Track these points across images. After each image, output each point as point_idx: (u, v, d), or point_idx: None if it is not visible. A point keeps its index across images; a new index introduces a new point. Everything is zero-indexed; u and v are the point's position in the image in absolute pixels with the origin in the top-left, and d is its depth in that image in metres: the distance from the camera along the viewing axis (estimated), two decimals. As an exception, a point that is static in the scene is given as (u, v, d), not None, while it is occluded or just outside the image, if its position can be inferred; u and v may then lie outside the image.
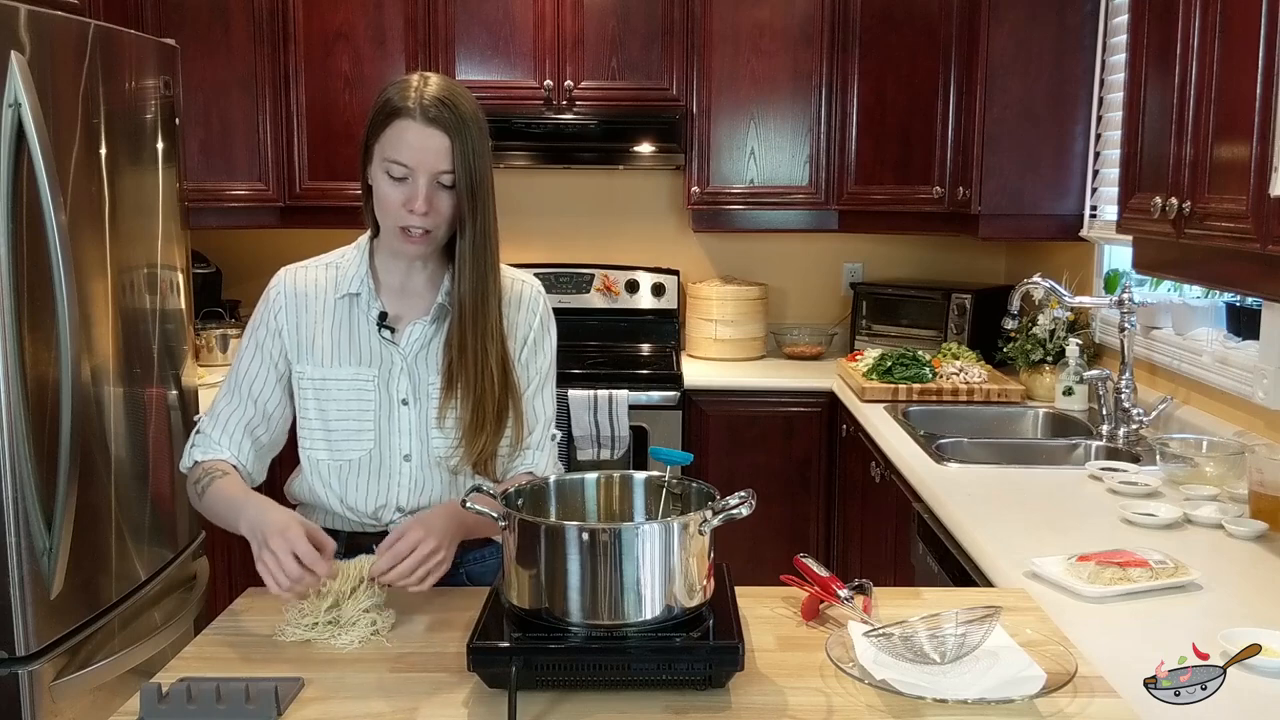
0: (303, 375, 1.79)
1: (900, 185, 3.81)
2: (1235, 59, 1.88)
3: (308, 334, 1.79)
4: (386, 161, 1.67)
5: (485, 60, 3.87)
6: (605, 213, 4.36)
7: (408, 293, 1.81)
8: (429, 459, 1.79)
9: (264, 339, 1.81)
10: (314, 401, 1.79)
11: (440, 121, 1.64)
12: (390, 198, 1.68)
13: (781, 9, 3.88)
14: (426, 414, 1.78)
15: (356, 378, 1.78)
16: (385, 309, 1.79)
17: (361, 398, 1.78)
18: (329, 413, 1.78)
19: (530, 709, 1.32)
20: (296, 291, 1.81)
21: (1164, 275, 2.57)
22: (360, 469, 1.79)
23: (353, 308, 1.79)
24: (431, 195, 1.67)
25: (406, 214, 1.67)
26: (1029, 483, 2.43)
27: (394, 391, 1.78)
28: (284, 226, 4.01)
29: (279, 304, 1.81)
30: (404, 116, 1.65)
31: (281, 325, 1.80)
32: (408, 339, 1.78)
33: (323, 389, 1.79)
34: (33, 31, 2.11)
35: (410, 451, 1.79)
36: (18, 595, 2.13)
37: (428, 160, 1.65)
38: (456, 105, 1.66)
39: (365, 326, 1.78)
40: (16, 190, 2.08)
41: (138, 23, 3.59)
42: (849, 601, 1.59)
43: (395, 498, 1.80)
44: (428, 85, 1.67)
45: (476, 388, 1.74)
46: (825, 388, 3.71)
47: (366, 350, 1.78)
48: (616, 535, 1.37)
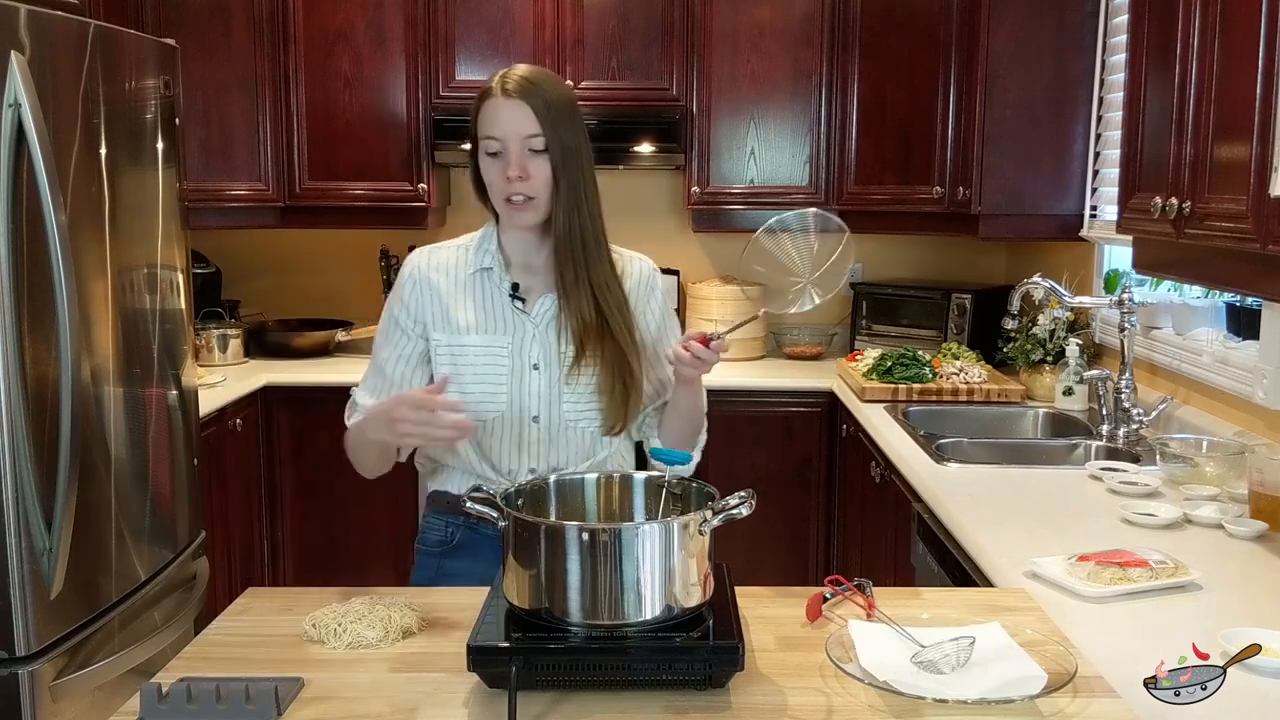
0: (440, 343, 1.90)
1: (900, 185, 3.81)
2: (1235, 59, 1.88)
3: (442, 306, 1.91)
4: (484, 140, 1.82)
5: (485, 60, 3.87)
6: (605, 212, 4.34)
7: (533, 269, 1.92)
8: (559, 421, 1.89)
9: (401, 315, 1.93)
10: (449, 367, 1.89)
11: (521, 92, 1.79)
12: (493, 174, 1.82)
13: (781, 9, 3.88)
14: (556, 378, 1.88)
15: (492, 344, 1.89)
16: (515, 282, 1.90)
17: (496, 362, 1.88)
18: (465, 376, 1.88)
19: (530, 709, 1.32)
20: (430, 269, 1.93)
21: (1164, 275, 2.57)
22: (494, 429, 1.89)
23: (486, 282, 1.91)
24: (524, 161, 1.80)
25: (506, 183, 1.80)
26: (1029, 483, 2.43)
27: (526, 357, 1.88)
28: (284, 226, 4.01)
29: (410, 284, 1.93)
30: (491, 97, 1.81)
31: (417, 301, 1.92)
32: (538, 310, 1.89)
33: (460, 354, 1.89)
34: (33, 31, 2.11)
35: (539, 413, 1.88)
36: (18, 595, 2.13)
37: (513, 127, 1.79)
38: (538, 80, 1.82)
39: (499, 299, 1.90)
40: (16, 190, 2.08)
41: (138, 23, 3.59)
42: (866, 590, 1.61)
43: (528, 457, 1.90)
44: (512, 69, 1.84)
45: (603, 350, 1.85)
46: (825, 388, 3.71)
47: (500, 320, 1.90)
48: (616, 535, 1.37)
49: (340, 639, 1.53)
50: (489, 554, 1.87)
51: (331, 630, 1.54)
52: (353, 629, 1.54)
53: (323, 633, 1.54)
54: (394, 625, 1.55)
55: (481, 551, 1.90)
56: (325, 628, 1.55)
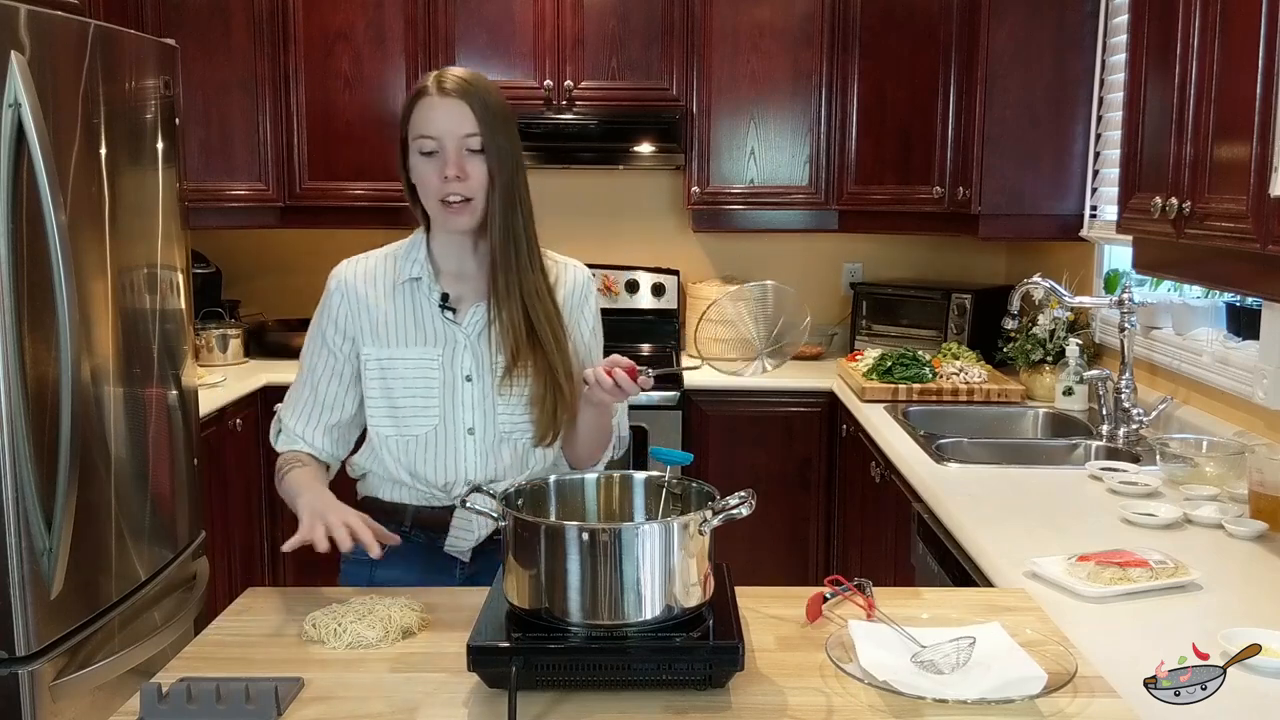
0: (369, 357, 1.86)
1: (900, 185, 3.81)
2: (1235, 59, 1.88)
3: (370, 320, 1.86)
4: (417, 140, 1.78)
5: (485, 60, 3.87)
6: (605, 213, 4.36)
7: (464, 276, 1.88)
8: (493, 433, 1.85)
9: (328, 330, 1.89)
10: (380, 381, 1.86)
11: (459, 92, 1.76)
12: (427, 175, 1.78)
13: (781, 9, 3.88)
14: (490, 389, 1.84)
15: (422, 357, 1.85)
16: (445, 291, 1.86)
17: (427, 376, 1.84)
18: (395, 390, 1.85)
19: (530, 709, 1.32)
20: (356, 282, 1.88)
21: (1164, 275, 2.57)
22: (427, 444, 1.85)
23: (414, 292, 1.87)
24: (461, 161, 1.76)
25: (442, 183, 1.77)
26: (1029, 483, 2.43)
27: (458, 369, 1.85)
28: (284, 226, 4.01)
29: (338, 298, 1.88)
30: (425, 95, 1.78)
31: (344, 315, 1.88)
32: (469, 319, 1.85)
33: (389, 368, 1.85)
34: (33, 31, 2.11)
35: (474, 425, 1.85)
36: (18, 595, 2.13)
37: (451, 125, 1.75)
38: (474, 81, 1.80)
39: (429, 309, 1.86)
40: (16, 190, 2.08)
41: (138, 23, 3.59)
42: (866, 590, 1.61)
43: (464, 471, 1.86)
44: (447, 70, 1.82)
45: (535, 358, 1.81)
46: (825, 388, 3.71)
47: (431, 331, 1.85)
48: (616, 535, 1.37)
49: (340, 639, 1.53)
50: (421, 563, 1.88)
51: (331, 630, 1.54)
52: (353, 629, 1.54)
53: (323, 633, 1.54)
54: (394, 625, 1.55)
55: (414, 561, 1.87)
56: (325, 628, 1.55)
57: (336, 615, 1.57)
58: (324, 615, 1.57)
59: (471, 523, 1.87)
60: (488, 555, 1.88)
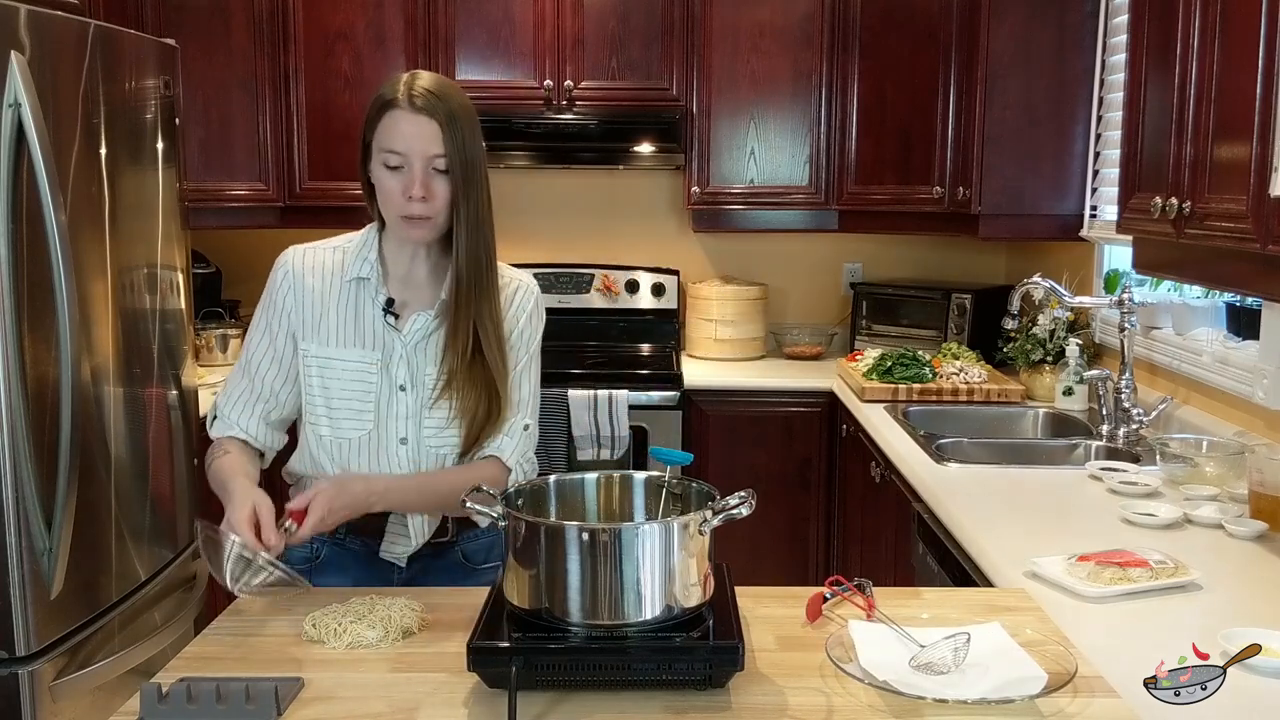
0: (308, 353, 1.83)
1: (900, 185, 3.81)
2: (1235, 59, 1.88)
3: (314, 313, 1.83)
4: (383, 153, 1.74)
5: (485, 60, 3.87)
6: (605, 213, 4.36)
7: (412, 283, 1.85)
8: (423, 444, 1.83)
9: (271, 318, 1.85)
10: (318, 379, 1.83)
11: (429, 109, 1.71)
12: (390, 188, 1.74)
13: (781, 9, 3.88)
14: (422, 400, 1.82)
15: (361, 360, 1.82)
16: (391, 296, 1.83)
17: (364, 380, 1.82)
18: (332, 390, 1.83)
19: (530, 709, 1.32)
20: (304, 273, 1.85)
21: (1164, 275, 2.57)
22: (360, 449, 1.83)
23: (360, 292, 1.83)
24: (427, 180, 1.73)
25: (406, 202, 1.73)
26: (1029, 483, 2.43)
27: (393, 377, 1.82)
28: (284, 226, 4.00)
29: (286, 284, 1.85)
30: (395, 108, 1.72)
31: (288, 304, 1.84)
32: (410, 327, 1.82)
33: (327, 367, 1.83)
34: (33, 31, 2.11)
35: (406, 435, 1.83)
36: (18, 595, 2.13)
37: (420, 145, 1.71)
38: (444, 94, 1.73)
39: (371, 311, 1.83)
40: (16, 190, 2.08)
41: (138, 23, 3.59)
42: (866, 590, 1.60)
43: None
44: (417, 79, 1.75)
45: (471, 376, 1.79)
46: (825, 388, 3.71)
47: (370, 334, 1.82)
48: (616, 535, 1.37)
49: (340, 639, 1.53)
50: (356, 571, 1.86)
51: (331, 630, 1.54)
52: (353, 629, 1.54)
53: (323, 633, 1.54)
54: (394, 625, 1.55)
55: (349, 569, 1.86)
56: (325, 628, 1.55)
57: (336, 615, 1.57)
58: (324, 615, 1.57)
59: (407, 529, 1.84)
60: (424, 560, 1.87)
